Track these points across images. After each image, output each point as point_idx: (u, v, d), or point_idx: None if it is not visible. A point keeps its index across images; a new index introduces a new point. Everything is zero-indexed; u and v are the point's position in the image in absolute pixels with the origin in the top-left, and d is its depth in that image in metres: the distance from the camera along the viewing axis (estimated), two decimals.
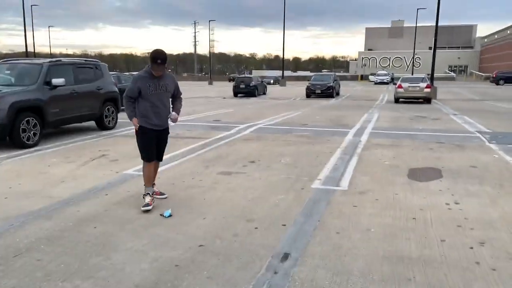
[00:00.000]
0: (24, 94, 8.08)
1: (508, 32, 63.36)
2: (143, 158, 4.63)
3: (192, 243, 3.55)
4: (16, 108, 7.72)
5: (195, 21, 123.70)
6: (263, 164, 6.58)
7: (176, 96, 4.76)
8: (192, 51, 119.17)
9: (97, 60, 10.89)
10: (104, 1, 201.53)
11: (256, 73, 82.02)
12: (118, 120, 11.15)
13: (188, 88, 41.37)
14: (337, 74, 35.22)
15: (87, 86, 9.84)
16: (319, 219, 4.10)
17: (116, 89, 11.16)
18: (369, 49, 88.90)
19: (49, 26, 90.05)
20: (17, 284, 2.85)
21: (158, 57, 4.25)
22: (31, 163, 6.75)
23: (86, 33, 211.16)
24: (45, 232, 3.78)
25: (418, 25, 62.41)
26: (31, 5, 53.86)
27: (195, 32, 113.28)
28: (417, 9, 59.28)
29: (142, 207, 4.40)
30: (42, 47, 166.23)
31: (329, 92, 24.95)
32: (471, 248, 3.42)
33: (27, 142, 7.91)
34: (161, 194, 4.91)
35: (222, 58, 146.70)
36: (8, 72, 8.90)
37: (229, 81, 66.91)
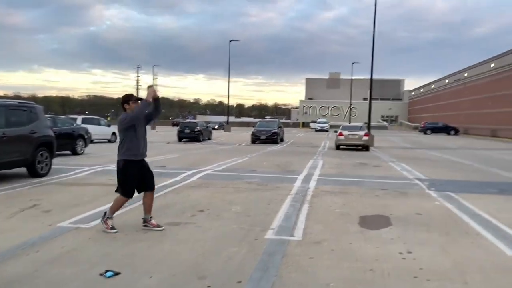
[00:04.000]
0: None
1: (432, 86, 69.55)
2: (123, 194, 5.28)
3: None
4: None
5: (138, 65, 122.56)
6: (213, 213, 6.29)
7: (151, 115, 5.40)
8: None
9: (32, 102, 10.22)
10: (40, 43, 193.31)
11: (200, 118, 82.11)
12: (53, 166, 10.36)
13: None
14: (281, 121, 36.13)
15: (19, 129, 9.10)
16: (276, 274, 3.87)
17: (52, 133, 10.44)
18: (309, 98, 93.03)
19: None
20: None
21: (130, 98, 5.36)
22: None
23: (19, 75, 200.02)
24: None
25: (353, 77, 66.86)
26: None
27: (137, 77, 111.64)
28: (352, 63, 63.85)
29: (110, 229, 5.14)
30: None
31: (274, 138, 25.36)
32: None
33: None
34: (158, 226, 5.33)
35: (166, 102, 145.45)
36: None
37: (173, 125, 66.16)
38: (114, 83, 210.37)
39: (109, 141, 24.37)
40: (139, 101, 5.29)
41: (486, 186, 9.51)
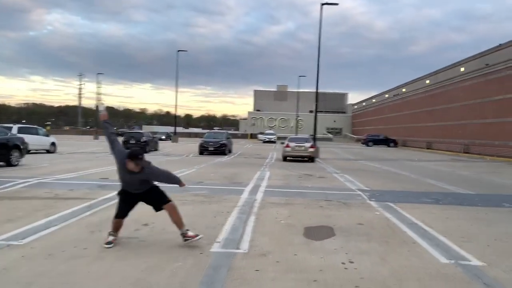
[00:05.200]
0: None
1: (374, 100, 73.13)
2: (115, 214, 5.22)
3: None
4: None
5: (80, 73, 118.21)
6: (157, 227, 6.12)
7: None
8: (76, 103, 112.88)
9: None
10: None
11: (147, 129, 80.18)
12: None
13: (71, 143, 38.50)
14: (229, 132, 36.17)
15: None
16: None
17: None
18: (257, 110, 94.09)
19: None
20: None
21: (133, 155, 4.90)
22: None
23: None
24: None
25: (299, 90, 68.62)
26: None
27: (80, 84, 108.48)
28: (299, 76, 65.63)
29: (105, 243, 5.04)
30: None
31: (222, 150, 25.30)
32: None
33: None
34: (197, 235, 5.19)
35: (110, 112, 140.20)
36: None
37: (118, 135, 63.97)
38: (55, 91, 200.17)
39: (48, 151, 23.09)
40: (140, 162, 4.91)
41: (422, 196, 10.07)
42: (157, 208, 5.27)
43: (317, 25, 26.42)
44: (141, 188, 5.18)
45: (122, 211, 5.21)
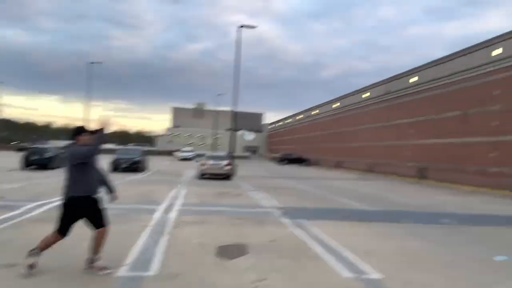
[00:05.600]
0: None
1: (288, 121, 76.15)
2: (58, 231, 4.71)
3: None
4: None
5: None
6: (58, 251, 5.62)
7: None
8: None
9: None
10: None
11: (53, 144, 74.26)
12: None
13: None
14: (144, 148, 34.98)
15: None
16: None
17: None
18: (176, 126, 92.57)
19: None
20: None
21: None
22: None
23: None
24: None
25: (217, 109, 69.18)
26: None
27: None
28: (217, 94, 66.07)
29: (27, 266, 4.59)
30: None
31: (136, 167, 24.31)
32: None
33: None
34: (105, 268, 4.77)
35: (10, 125, 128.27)
36: None
37: (19, 151, 58.47)
38: None
39: None
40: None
41: (331, 213, 10.63)
42: (97, 226, 4.89)
43: (235, 46, 26.98)
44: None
45: (65, 226, 4.75)
